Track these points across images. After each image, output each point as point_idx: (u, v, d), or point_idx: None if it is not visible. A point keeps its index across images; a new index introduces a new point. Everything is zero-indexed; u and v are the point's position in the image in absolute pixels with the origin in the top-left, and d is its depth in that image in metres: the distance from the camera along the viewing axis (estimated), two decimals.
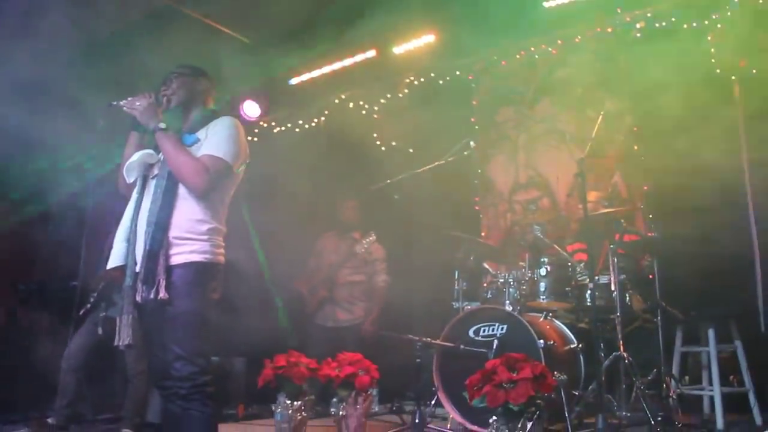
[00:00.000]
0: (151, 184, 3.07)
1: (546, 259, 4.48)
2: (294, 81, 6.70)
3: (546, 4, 5.61)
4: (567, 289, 4.45)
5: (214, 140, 3.05)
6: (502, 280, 4.47)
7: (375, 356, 4.23)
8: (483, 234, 6.03)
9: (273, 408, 3.85)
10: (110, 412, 6.03)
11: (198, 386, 2.88)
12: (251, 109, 6.88)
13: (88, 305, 5.25)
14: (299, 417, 3.81)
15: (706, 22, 5.29)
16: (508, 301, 4.38)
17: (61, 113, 5.17)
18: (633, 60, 5.62)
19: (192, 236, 2.96)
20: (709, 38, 5.26)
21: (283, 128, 7.14)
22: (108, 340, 4.97)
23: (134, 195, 3.13)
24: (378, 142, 6.62)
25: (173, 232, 2.94)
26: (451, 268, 5.02)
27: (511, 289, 4.43)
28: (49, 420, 5.15)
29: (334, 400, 3.92)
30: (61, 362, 5.18)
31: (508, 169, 6.14)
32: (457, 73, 6.42)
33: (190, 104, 3.23)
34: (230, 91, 6.56)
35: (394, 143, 6.53)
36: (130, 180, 3.14)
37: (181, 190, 2.99)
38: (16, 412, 5.92)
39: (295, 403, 3.79)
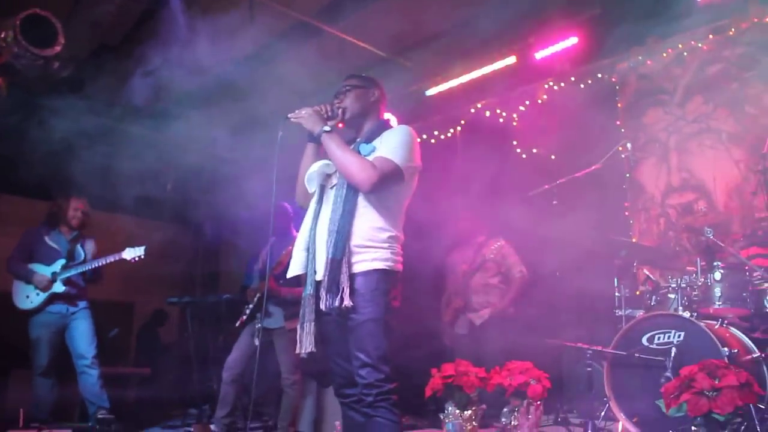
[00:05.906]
0: (330, 194, 3.10)
1: (720, 263, 4.23)
2: (430, 92, 6.68)
3: None
4: (744, 294, 4.18)
5: (386, 146, 3.09)
6: (673, 285, 4.25)
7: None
8: (634, 240, 5.78)
9: (441, 417, 3.82)
10: (257, 421, 6.19)
11: (384, 393, 2.88)
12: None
13: (244, 316, 5.41)
14: (469, 427, 3.75)
15: None
16: (680, 308, 4.15)
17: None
18: None
19: (373, 244, 2.97)
20: None
21: (418, 140, 7.12)
22: (263, 350, 5.16)
23: (312, 205, 3.18)
24: (518, 150, 6.49)
25: (354, 241, 2.95)
26: (607, 274, 4.84)
27: (680, 295, 4.21)
28: (212, 427, 5.33)
29: (505, 409, 3.83)
30: (222, 373, 5.36)
31: (659, 172, 5.86)
32: (599, 75, 6.23)
33: (365, 115, 3.27)
34: None
35: (534, 150, 6.39)
36: (311, 190, 3.19)
37: (361, 199, 3.01)
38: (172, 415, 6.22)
39: (465, 412, 3.73)
